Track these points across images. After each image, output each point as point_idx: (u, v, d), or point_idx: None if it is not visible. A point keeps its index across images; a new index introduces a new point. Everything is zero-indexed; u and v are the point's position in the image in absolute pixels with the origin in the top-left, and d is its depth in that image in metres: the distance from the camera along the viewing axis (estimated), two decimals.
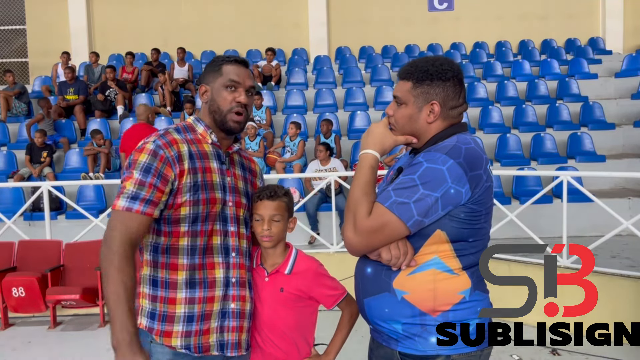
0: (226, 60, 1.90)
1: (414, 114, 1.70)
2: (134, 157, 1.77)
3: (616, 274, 4.55)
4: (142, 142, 1.80)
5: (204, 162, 1.83)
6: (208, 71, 1.92)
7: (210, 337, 1.83)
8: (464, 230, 1.62)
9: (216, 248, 1.85)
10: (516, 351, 4.24)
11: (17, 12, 13.58)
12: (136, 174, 1.74)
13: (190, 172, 1.79)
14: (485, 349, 1.69)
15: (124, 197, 1.74)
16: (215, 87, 1.88)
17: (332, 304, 2.01)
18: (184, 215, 1.78)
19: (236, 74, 1.87)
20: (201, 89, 1.92)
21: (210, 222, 1.83)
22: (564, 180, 5.00)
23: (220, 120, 1.87)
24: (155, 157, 1.75)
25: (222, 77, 1.88)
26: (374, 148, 1.71)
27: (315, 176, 7.08)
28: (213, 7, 13.21)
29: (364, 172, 1.67)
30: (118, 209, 1.75)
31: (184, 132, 1.87)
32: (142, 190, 1.73)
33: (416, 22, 13.39)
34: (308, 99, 10.23)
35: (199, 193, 1.79)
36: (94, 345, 4.68)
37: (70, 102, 9.71)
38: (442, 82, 1.68)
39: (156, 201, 1.75)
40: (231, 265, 1.87)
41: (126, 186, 1.75)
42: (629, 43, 13.17)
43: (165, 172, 1.76)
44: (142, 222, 1.74)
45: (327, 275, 2.02)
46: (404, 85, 1.71)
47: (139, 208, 1.73)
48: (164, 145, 1.78)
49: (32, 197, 6.15)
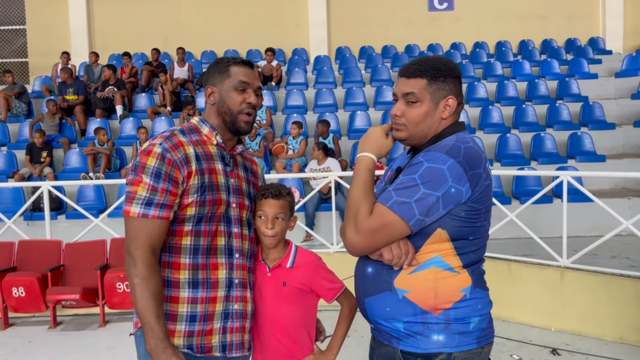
0: (232, 62, 1.90)
1: (430, 111, 1.70)
2: (141, 160, 1.76)
3: (616, 274, 4.55)
4: (148, 144, 1.79)
5: (210, 164, 1.84)
6: (213, 73, 1.92)
7: (212, 337, 1.83)
8: (465, 228, 1.63)
9: (220, 249, 1.85)
10: (516, 351, 4.25)
11: (17, 12, 13.58)
12: (147, 179, 1.73)
13: (197, 173, 1.79)
14: (486, 346, 1.70)
15: (138, 203, 1.73)
16: (224, 89, 1.88)
17: (332, 297, 2.01)
18: (189, 215, 1.79)
19: (245, 75, 1.88)
20: (207, 90, 1.91)
21: (214, 222, 1.83)
22: (564, 180, 5.00)
23: (230, 121, 1.88)
24: (163, 160, 1.75)
25: (230, 78, 1.88)
26: (371, 151, 1.73)
27: (311, 176, 7.11)
28: (213, 7, 13.21)
29: (362, 174, 1.69)
30: (133, 216, 1.74)
31: (189, 133, 1.87)
32: (155, 195, 1.73)
33: (416, 22, 13.39)
34: (308, 99, 10.23)
35: (205, 194, 1.79)
36: (94, 345, 4.67)
37: (70, 103, 9.72)
38: (452, 79, 1.71)
39: (170, 204, 1.75)
40: (234, 266, 1.87)
41: (137, 191, 1.74)
42: (629, 43, 13.17)
43: (175, 175, 1.76)
44: (160, 227, 1.75)
45: (327, 268, 2.04)
46: (418, 83, 1.70)
47: (155, 213, 1.73)
48: (170, 148, 1.77)
49: (32, 197, 6.15)
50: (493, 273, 1.72)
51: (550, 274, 4.82)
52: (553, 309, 4.73)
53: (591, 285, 4.60)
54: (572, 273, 4.73)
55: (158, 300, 1.72)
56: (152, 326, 1.69)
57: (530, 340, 4.45)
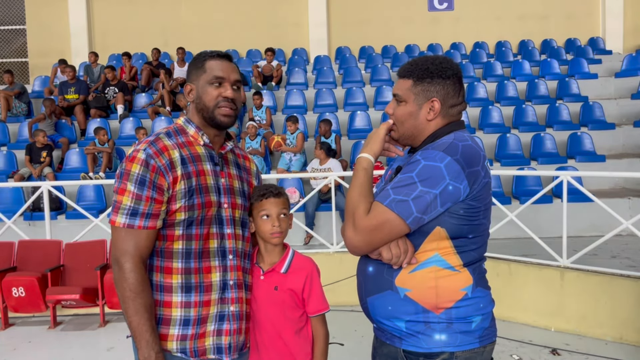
0: (209, 56, 1.86)
1: (414, 111, 1.72)
2: (126, 167, 1.73)
3: (616, 274, 4.55)
4: (133, 150, 1.77)
5: (197, 165, 1.80)
6: (191, 69, 1.88)
7: (206, 340, 1.81)
8: (464, 226, 1.63)
9: (213, 251, 1.82)
10: (516, 351, 4.25)
11: (17, 12, 13.58)
12: (131, 187, 1.71)
13: (183, 178, 1.76)
14: (488, 345, 1.70)
15: (123, 213, 1.72)
16: (201, 85, 1.84)
17: (315, 311, 1.97)
18: (179, 220, 1.76)
19: (220, 69, 1.84)
20: (186, 88, 1.88)
21: (205, 225, 1.80)
22: (564, 180, 5.00)
23: (209, 117, 1.84)
24: (147, 167, 1.72)
25: (206, 73, 1.84)
26: (369, 151, 1.75)
27: (312, 175, 7.11)
28: (213, 7, 13.21)
29: (359, 174, 1.71)
30: (118, 226, 1.73)
31: (175, 135, 1.83)
32: (139, 204, 1.71)
33: (416, 22, 13.39)
34: (308, 99, 10.23)
35: (193, 198, 1.76)
36: (94, 345, 4.67)
37: (70, 103, 9.72)
38: (442, 80, 1.70)
39: (156, 213, 1.73)
40: (228, 268, 1.85)
41: (122, 201, 1.72)
42: (629, 43, 13.17)
43: (160, 182, 1.73)
44: (148, 237, 1.74)
45: (320, 283, 2.01)
46: (404, 84, 1.73)
47: (140, 224, 1.72)
48: (154, 154, 1.74)
49: (32, 197, 6.15)
50: (493, 273, 1.72)
51: (550, 274, 4.82)
52: (553, 309, 4.73)
53: (591, 285, 4.60)
54: (572, 273, 4.73)
55: (151, 313, 1.73)
56: (147, 339, 1.70)
57: (530, 340, 4.45)
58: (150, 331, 1.70)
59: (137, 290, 1.70)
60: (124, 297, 1.71)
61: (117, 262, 1.73)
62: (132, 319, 1.70)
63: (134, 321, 1.70)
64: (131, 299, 1.70)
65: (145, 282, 1.73)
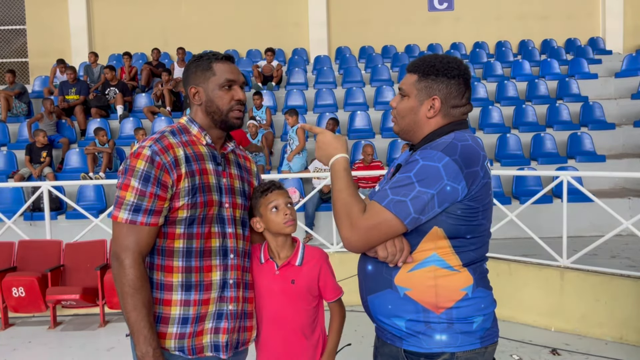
0: (214, 59, 1.86)
1: (415, 107, 1.72)
2: (131, 163, 1.73)
3: (616, 274, 4.55)
4: (138, 147, 1.77)
5: (201, 164, 1.81)
6: (195, 71, 1.86)
7: (204, 337, 1.81)
8: (461, 226, 1.62)
9: (214, 251, 1.83)
10: (516, 351, 4.25)
11: (17, 12, 13.58)
12: (135, 183, 1.71)
13: (187, 176, 1.76)
14: (490, 346, 1.69)
15: (125, 209, 1.72)
16: (210, 88, 1.84)
17: (334, 297, 2.01)
18: (180, 218, 1.77)
19: (230, 72, 1.85)
20: (191, 90, 1.86)
21: (207, 224, 1.81)
22: (564, 180, 5.00)
23: (221, 120, 1.85)
24: (152, 164, 1.72)
25: (216, 76, 1.84)
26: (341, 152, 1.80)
27: (315, 175, 7.10)
28: (213, 7, 13.21)
29: (341, 174, 1.74)
30: (120, 222, 1.73)
31: (179, 134, 1.84)
32: (143, 200, 1.71)
33: (416, 22, 13.39)
34: (308, 99, 10.24)
35: (196, 196, 1.77)
36: (94, 345, 4.67)
37: (71, 103, 9.72)
38: (446, 79, 1.70)
39: (159, 209, 1.74)
40: (229, 267, 1.85)
41: (125, 196, 1.72)
42: (629, 43, 13.17)
43: (164, 179, 1.73)
44: (149, 234, 1.74)
45: (332, 269, 2.04)
46: (410, 78, 1.74)
47: (143, 220, 1.72)
48: (160, 151, 1.74)
49: (32, 197, 6.15)
50: (493, 273, 1.71)
51: (550, 274, 4.82)
52: (553, 309, 4.73)
53: (591, 285, 4.60)
54: (572, 273, 4.73)
55: (149, 309, 1.73)
56: (145, 335, 1.70)
57: (530, 340, 4.45)
58: (148, 327, 1.71)
59: (136, 286, 1.70)
60: (122, 293, 1.71)
61: (117, 257, 1.73)
62: (130, 315, 1.71)
63: (132, 317, 1.70)
64: (130, 295, 1.70)
65: (144, 279, 1.73)
